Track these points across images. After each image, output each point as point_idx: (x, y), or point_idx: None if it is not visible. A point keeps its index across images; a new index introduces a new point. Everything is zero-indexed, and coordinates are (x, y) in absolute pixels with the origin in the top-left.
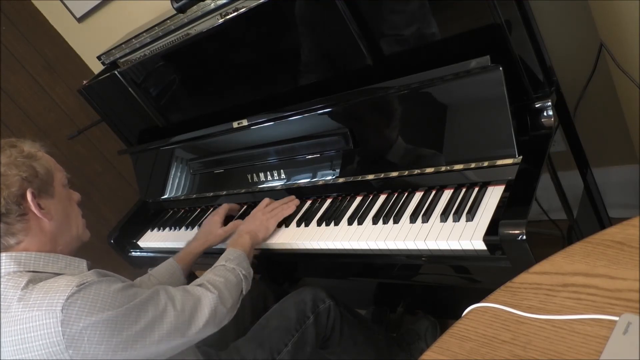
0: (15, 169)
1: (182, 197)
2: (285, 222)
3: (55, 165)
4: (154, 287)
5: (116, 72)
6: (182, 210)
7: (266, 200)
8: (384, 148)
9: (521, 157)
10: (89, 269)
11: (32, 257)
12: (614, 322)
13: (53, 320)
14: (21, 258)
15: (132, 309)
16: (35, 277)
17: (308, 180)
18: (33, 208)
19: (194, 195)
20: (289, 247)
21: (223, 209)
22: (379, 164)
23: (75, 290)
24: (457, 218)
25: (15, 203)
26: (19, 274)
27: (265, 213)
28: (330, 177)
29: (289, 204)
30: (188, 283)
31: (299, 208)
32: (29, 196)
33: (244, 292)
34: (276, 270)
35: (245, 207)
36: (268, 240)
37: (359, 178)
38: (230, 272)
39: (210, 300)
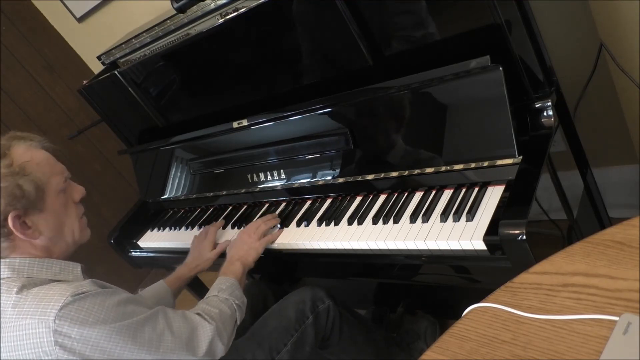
0: None
1: (182, 197)
2: (286, 222)
3: (53, 168)
4: (154, 309)
5: (116, 72)
6: (182, 210)
7: (251, 224)
8: (384, 148)
9: (521, 157)
10: (82, 273)
11: (26, 263)
12: (614, 322)
13: (45, 329)
14: (15, 264)
15: (128, 327)
16: (29, 283)
17: (308, 180)
18: (15, 232)
19: (194, 195)
20: (289, 247)
21: (212, 232)
22: (379, 164)
23: (70, 300)
24: (457, 218)
25: None
26: (12, 280)
27: (251, 235)
28: (330, 177)
29: (271, 220)
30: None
31: (299, 208)
32: (10, 221)
33: (238, 322)
34: (276, 270)
35: (245, 207)
36: None
37: (359, 178)
38: (224, 302)
39: (208, 330)
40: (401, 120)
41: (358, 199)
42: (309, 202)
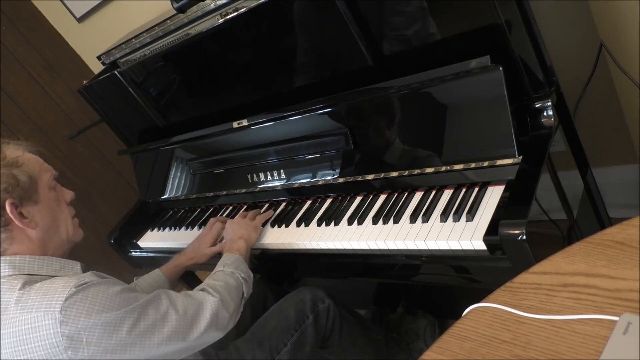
0: None
1: (182, 197)
2: (286, 222)
3: (42, 166)
4: (156, 291)
5: (116, 72)
6: (182, 210)
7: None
8: (384, 148)
9: (521, 157)
10: (83, 271)
11: (26, 260)
12: (614, 322)
13: (52, 321)
14: (15, 261)
15: (132, 311)
16: (31, 280)
17: (308, 180)
18: (14, 219)
19: (194, 196)
20: (289, 247)
21: (217, 227)
22: (379, 163)
23: (73, 292)
24: (457, 218)
25: None
26: (13, 277)
27: (244, 217)
28: (330, 177)
29: (267, 212)
30: (190, 287)
31: (299, 208)
32: (8, 208)
33: (245, 296)
34: (276, 270)
35: (245, 207)
36: (268, 240)
37: (359, 178)
38: (229, 275)
39: (211, 303)
40: (401, 120)
41: (358, 199)
42: (309, 202)
